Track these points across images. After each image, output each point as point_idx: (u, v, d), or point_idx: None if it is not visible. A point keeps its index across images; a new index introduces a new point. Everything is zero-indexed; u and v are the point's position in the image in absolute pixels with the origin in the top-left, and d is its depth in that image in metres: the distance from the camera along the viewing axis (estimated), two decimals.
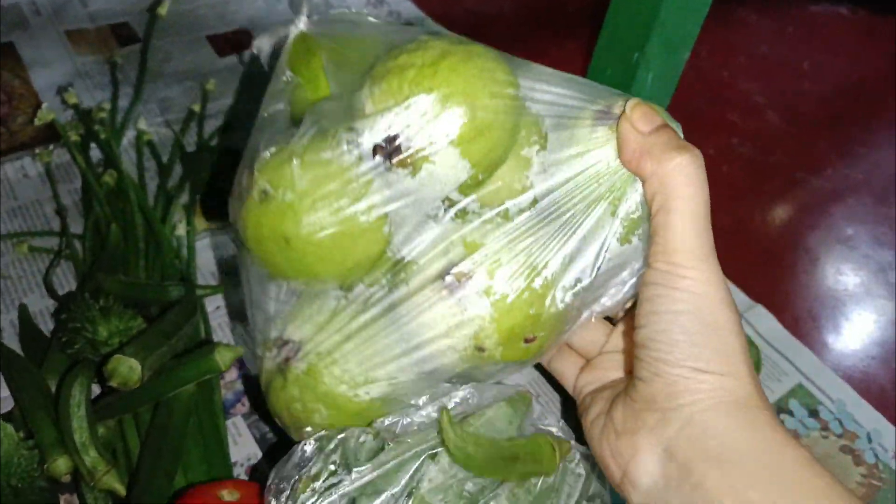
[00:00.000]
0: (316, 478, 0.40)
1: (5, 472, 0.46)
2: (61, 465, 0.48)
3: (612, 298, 0.42)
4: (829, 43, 1.16)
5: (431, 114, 0.37)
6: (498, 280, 0.39)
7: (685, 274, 0.34)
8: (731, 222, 0.86)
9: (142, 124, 0.77)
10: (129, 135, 0.79)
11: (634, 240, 0.39)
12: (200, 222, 0.73)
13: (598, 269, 0.39)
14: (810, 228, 0.86)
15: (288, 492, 0.40)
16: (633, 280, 0.41)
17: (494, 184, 0.39)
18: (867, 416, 0.64)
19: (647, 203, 0.36)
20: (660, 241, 0.35)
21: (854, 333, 0.74)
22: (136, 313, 0.56)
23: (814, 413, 0.64)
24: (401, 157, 0.38)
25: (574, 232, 0.39)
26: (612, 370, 0.45)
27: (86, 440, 0.48)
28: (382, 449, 0.40)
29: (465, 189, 0.39)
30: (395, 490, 0.39)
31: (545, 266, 0.39)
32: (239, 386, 0.61)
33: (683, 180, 0.34)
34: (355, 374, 0.42)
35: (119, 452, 0.52)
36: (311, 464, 0.41)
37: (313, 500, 0.39)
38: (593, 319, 0.43)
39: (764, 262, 0.81)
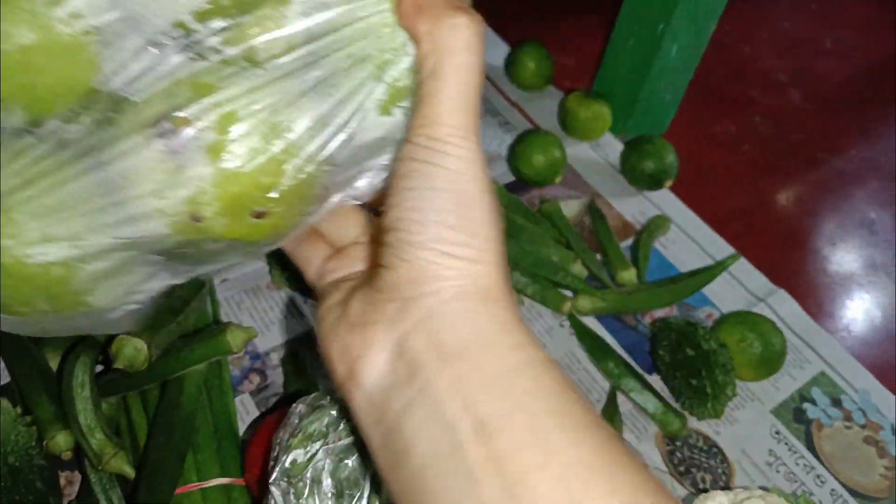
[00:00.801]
0: (309, 436, 0.40)
1: (2, 449, 0.44)
2: (61, 441, 0.46)
3: (368, 182, 0.36)
4: (852, 21, 1.12)
5: None
6: (228, 136, 0.32)
7: (447, 150, 0.30)
8: (752, 202, 0.83)
9: None
10: None
11: (397, 113, 0.33)
12: None
13: (351, 137, 0.33)
14: (832, 211, 0.84)
15: (282, 450, 0.40)
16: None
17: (242, 16, 0.32)
18: (891, 407, 0.62)
19: (417, 68, 0.32)
20: (424, 112, 0.31)
21: (878, 321, 0.72)
22: None
23: (836, 402, 0.62)
24: None
25: (330, 92, 0.33)
26: (363, 261, 0.39)
27: (91, 422, 0.46)
28: None
29: (204, 16, 0.32)
30: None
31: (289, 127, 0.32)
32: (247, 363, 0.59)
33: (460, 45, 0.30)
34: (29, 229, 0.33)
35: (123, 429, 0.50)
36: (301, 424, 0.40)
37: (304, 453, 0.39)
38: (347, 203, 0.37)
39: (785, 244, 0.79)
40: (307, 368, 0.58)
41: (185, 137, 0.31)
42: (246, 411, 0.56)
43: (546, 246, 0.69)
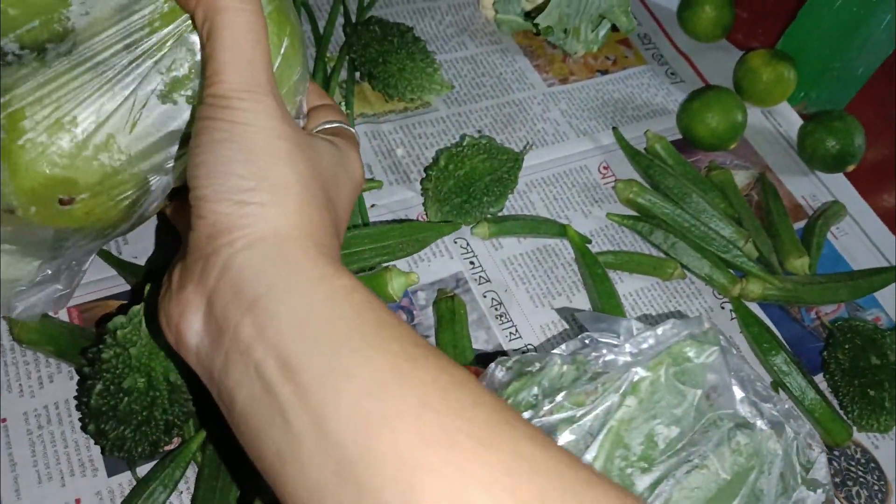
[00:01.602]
0: (516, 405, 0.37)
1: (164, 363, 0.40)
2: None
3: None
4: None
5: None
6: (16, 133, 0.35)
7: (231, 104, 0.31)
8: None
9: None
10: None
11: (180, 100, 0.37)
12: (361, 104, 0.64)
13: (134, 125, 0.36)
14: None
15: None
16: None
17: (31, 22, 0.35)
18: None
19: (199, 38, 0.34)
20: (207, 73, 0.32)
21: None
22: None
23: None
24: None
25: (111, 86, 0.36)
26: None
27: None
28: (581, 381, 0.37)
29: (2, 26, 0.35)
30: (591, 424, 0.36)
31: (73, 121, 0.35)
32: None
33: (230, 3, 0.32)
34: None
35: None
36: (507, 389, 0.38)
37: None
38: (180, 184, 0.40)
39: None
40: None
41: None
42: None
43: (717, 219, 0.62)
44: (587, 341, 0.38)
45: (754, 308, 0.61)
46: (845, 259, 0.67)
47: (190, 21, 0.35)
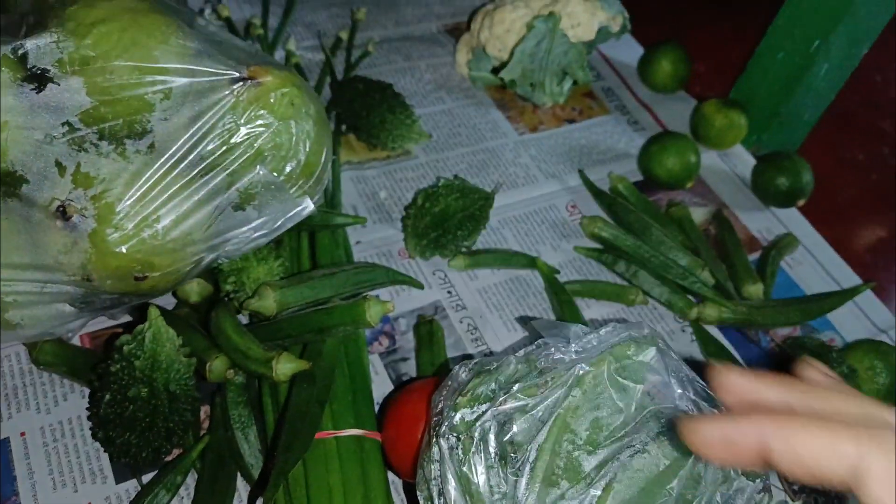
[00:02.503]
0: (476, 397, 0.41)
1: (164, 376, 0.45)
2: (220, 364, 0.48)
3: (235, 246, 0.48)
4: None
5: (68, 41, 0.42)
6: (107, 224, 0.43)
7: None
8: (880, 233, 0.81)
9: (291, 45, 0.75)
10: (277, 55, 0.77)
11: (249, 209, 0.47)
12: (346, 153, 0.71)
13: (209, 226, 0.45)
14: None
15: (449, 408, 0.41)
16: (258, 234, 0.49)
17: (115, 119, 0.42)
18: None
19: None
20: None
21: None
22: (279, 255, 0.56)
23: None
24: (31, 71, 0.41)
25: (190, 193, 0.44)
26: None
27: (245, 339, 0.48)
28: (531, 375, 0.42)
29: (86, 117, 0.42)
30: (541, 413, 0.40)
31: (157, 219, 0.43)
32: (378, 326, 0.59)
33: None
34: None
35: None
36: (468, 385, 0.42)
37: (471, 412, 0.40)
38: (220, 261, 0.50)
39: None
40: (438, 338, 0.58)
41: (75, 222, 0.43)
42: (375, 371, 0.57)
43: (674, 250, 0.68)
44: (539, 344, 0.43)
45: (714, 332, 0.66)
46: (799, 286, 0.72)
47: (258, 142, 0.46)
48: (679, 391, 0.44)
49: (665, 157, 0.73)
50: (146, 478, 0.48)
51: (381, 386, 0.56)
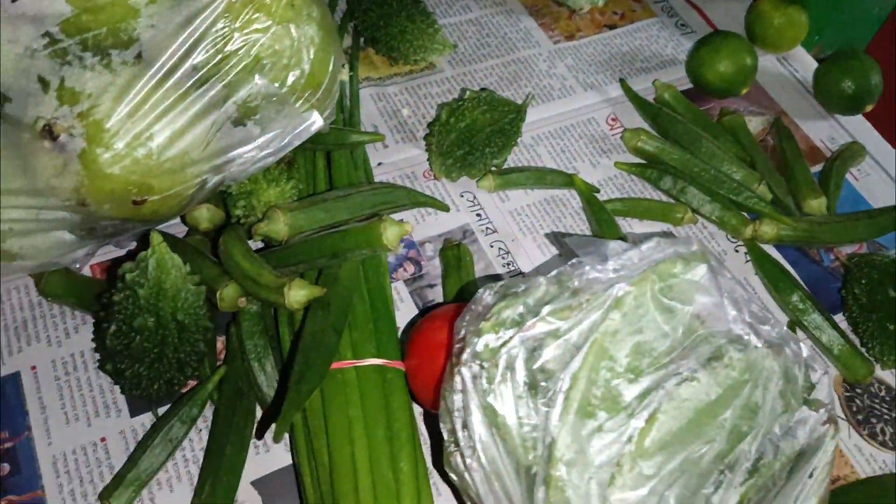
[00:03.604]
0: (502, 322, 0.37)
1: (172, 304, 0.42)
2: (231, 291, 0.45)
3: (240, 167, 0.44)
4: None
5: None
6: (97, 143, 0.39)
7: None
8: None
9: None
10: None
11: (249, 125, 0.42)
12: (366, 68, 0.66)
13: (208, 146, 0.41)
14: None
15: (472, 334, 0.37)
16: (264, 153, 0.44)
17: (99, 28, 0.39)
18: None
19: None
20: None
21: None
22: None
23: None
24: None
25: (184, 108, 0.40)
26: None
27: (256, 266, 0.45)
28: (563, 297, 0.37)
29: (67, 27, 0.39)
30: (576, 338, 0.36)
31: (150, 137, 0.40)
32: (402, 250, 0.56)
33: None
34: None
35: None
36: (493, 309, 0.38)
37: (496, 338, 0.36)
38: (228, 182, 0.46)
39: None
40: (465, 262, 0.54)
41: (63, 142, 0.39)
42: (400, 299, 0.53)
43: (728, 162, 0.62)
44: (574, 263, 0.39)
45: (771, 251, 0.60)
46: (866, 199, 0.65)
47: (255, 49, 0.41)
48: (733, 313, 0.39)
49: (717, 61, 0.66)
50: (163, 410, 0.46)
51: (406, 314, 0.52)
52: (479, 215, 0.59)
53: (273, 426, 0.41)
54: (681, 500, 0.34)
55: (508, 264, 0.56)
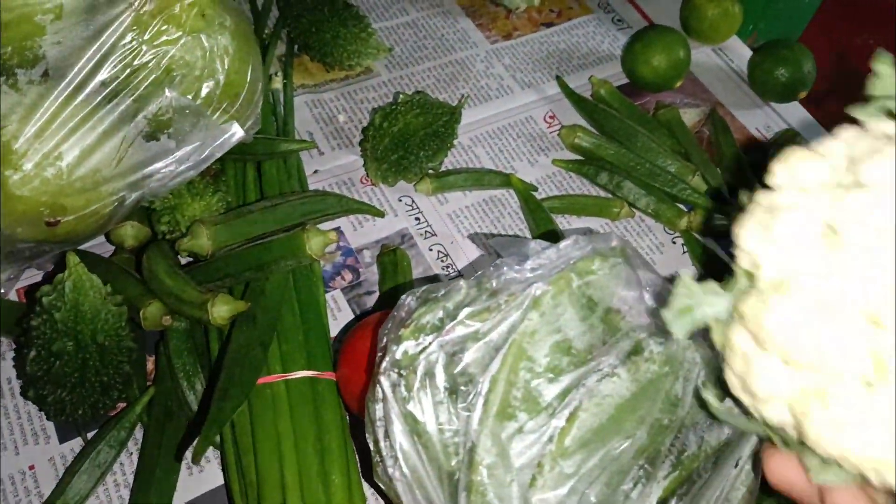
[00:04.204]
0: (421, 328, 0.36)
1: (91, 326, 0.41)
2: (154, 310, 0.44)
3: (160, 182, 0.44)
4: None
5: None
6: (6, 166, 0.38)
7: None
8: None
9: None
10: None
11: (164, 139, 0.41)
12: (301, 75, 0.65)
13: (120, 162, 0.41)
14: None
15: (392, 341, 0.37)
16: (184, 167, 0.43)
17: (3, 47, 0.38)
18: None
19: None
20: None
21: None
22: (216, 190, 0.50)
23: None
24: None
25: (94, 124, 0.39)
26: None
27: (180, 282, 0.44)
28: (481, 299, 0.37)
29: None
30: (495, 340, 0.35)
31: (59, 157, 0.39)
32: (339, 258, 0.55)
33: None
34: None
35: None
36: (413, 315, 0.37)
37: (415, 344, 0.36)
38: (149, 198, 0.45)
39: None
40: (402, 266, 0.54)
41: None
42: (338, 308, 0.53)
43: (663, 156, 0.62)
44: (495, 265, 0.38)
45: (709, 242, 0.61)
46: None
47: (165, 61, 0.40)
48: (653, 306, 0.40)
49: (650, 56, 0.67)
50: (92, 435, 0.45)
51: (344, 323, 0.52)
52: (417, 219, 0.59)
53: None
54: (601, 498, 0.34)
55: (447, 266, 0.56)
